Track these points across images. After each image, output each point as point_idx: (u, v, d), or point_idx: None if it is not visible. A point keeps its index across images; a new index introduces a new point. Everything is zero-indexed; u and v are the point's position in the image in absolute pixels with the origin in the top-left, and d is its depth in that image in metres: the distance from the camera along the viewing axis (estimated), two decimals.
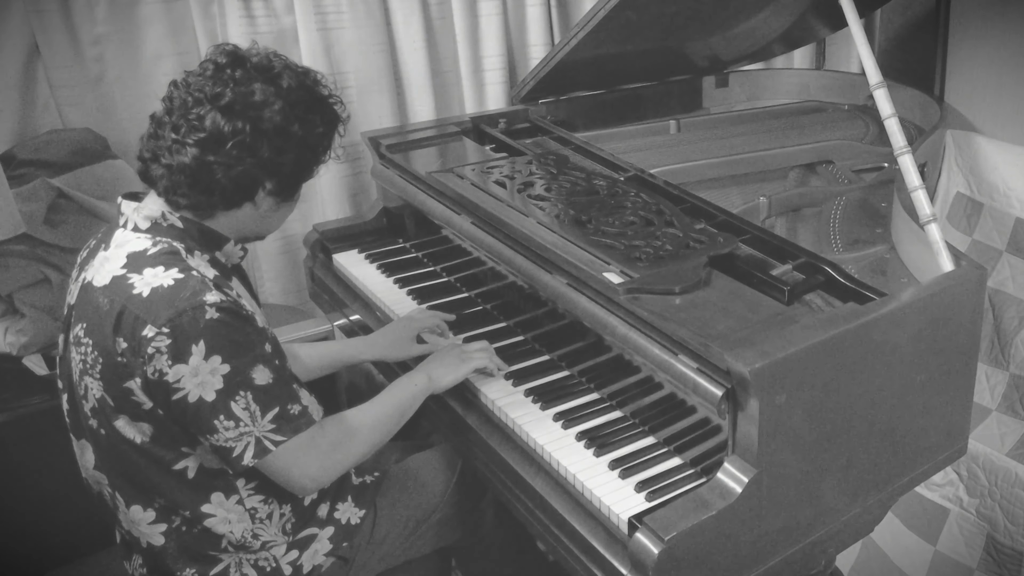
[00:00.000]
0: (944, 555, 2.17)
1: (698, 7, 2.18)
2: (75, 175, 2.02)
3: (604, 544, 1.28)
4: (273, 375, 1.28)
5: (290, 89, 1.30)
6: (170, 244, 1.30)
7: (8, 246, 1.89)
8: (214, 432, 1.25)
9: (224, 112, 1.25)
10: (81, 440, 1.39)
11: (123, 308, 1.23)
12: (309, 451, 1.32)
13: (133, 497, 1.35)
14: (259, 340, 1.29)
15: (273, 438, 1.28)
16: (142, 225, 1.32)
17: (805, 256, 1.49)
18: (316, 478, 1.36)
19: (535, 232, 1.59)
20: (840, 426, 1.29)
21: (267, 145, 1.27)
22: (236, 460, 1.27)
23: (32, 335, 1.95)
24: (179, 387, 1.22)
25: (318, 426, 1.34)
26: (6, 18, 2.08)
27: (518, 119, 2.27)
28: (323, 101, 1.36)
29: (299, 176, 1.36)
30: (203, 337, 1.21)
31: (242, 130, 1.26)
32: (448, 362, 1.55)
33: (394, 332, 1.69)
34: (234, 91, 1.26)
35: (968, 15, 2.41)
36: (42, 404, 1.87)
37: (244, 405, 1.25)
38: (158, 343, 1.21)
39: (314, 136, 1.34)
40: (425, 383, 1.51)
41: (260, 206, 1.35)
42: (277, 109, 1.28)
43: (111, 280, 1.27)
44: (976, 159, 2.34)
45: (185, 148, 1.26)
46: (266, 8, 2.32)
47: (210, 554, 1.39)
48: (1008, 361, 2.23)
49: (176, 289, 1.23)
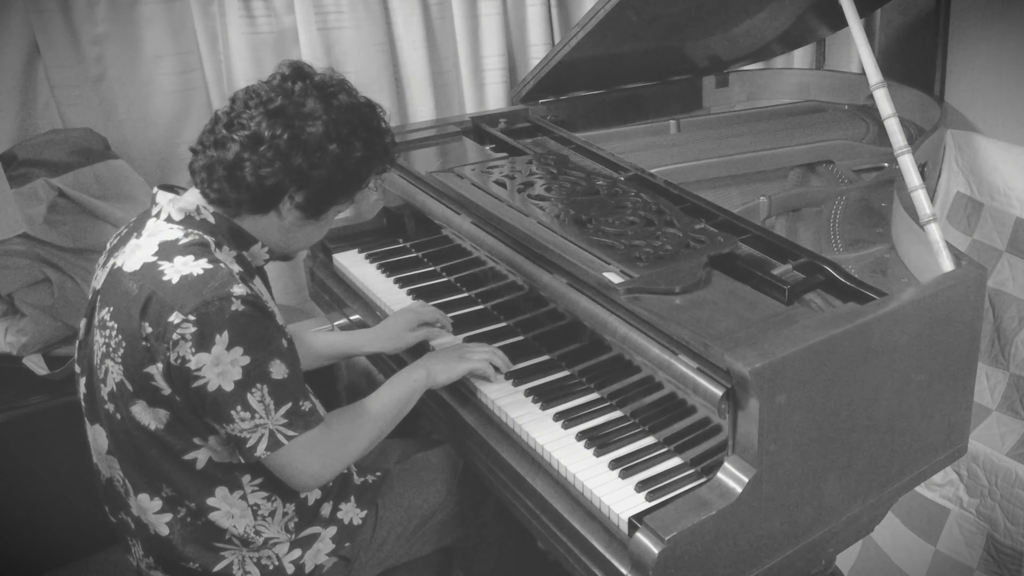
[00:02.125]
0: (944, 555, 2.18)
1: (698, 7, 2.18)
2: (75, 175, 2.03)
3: (604, 544, 1.28)
4: (288, 370, 1.30)
5: (340, 109, 1.33)
6: (201, 236, 1.33)
7: (8, 246, 1.89)
8: (230, 422, 1.27)
9: (270, 117, 1.29)
10: (95, 425, 1.41)
11: (151, 294, 1.26)
12: (315, 448, 1.34)
13: (141, 485, 1.37)
14: (278, 335, 1.31)
15: (286, 432, 1.30)
16: (176, 216, 1.35)
17: (805, 256, 1.49)
18: (318, 475, 1.37)
19: (535, 232, 1.59)
20: (840, 426, 1.29)
21: (301, 155, 1.30)
22: (249, 451, 1.29)
23: (32, 335, 1.95)
24: (200, 375, 1.24)
25: (325, 424, 1.36)
26: (6, 18, 2.08)
27: (518, 119, 2.27)
28: (371, 130, 1.37)
29: (328, 196, 1.36)
30: (227, 328, 1.24)
31: (280, 136, 1.29)
32: (447, 359, 1.56)
33: (395, 325, 1.72)
34: (287, 100, 1.31)
35: (968, 15, 2.41)
36: (42, 404, 1.88)
37: (260, 398, 1.27)
38: (183, 330, 1.23)
39: (351, 160, 1.34)
40: (423, 378, 1.52)
41: (285, 217, 1.37)
42: (320, 125, 1.30)
43: (142, 266, 1.30)
44: (976, 159, 2.34)
45: (229, 144, 1.30)
46: (266, 8, 2.32)
47: (215, 545, 1.39)
48: (1008, 361, 2.23)
49: (205, 279, 1.26)
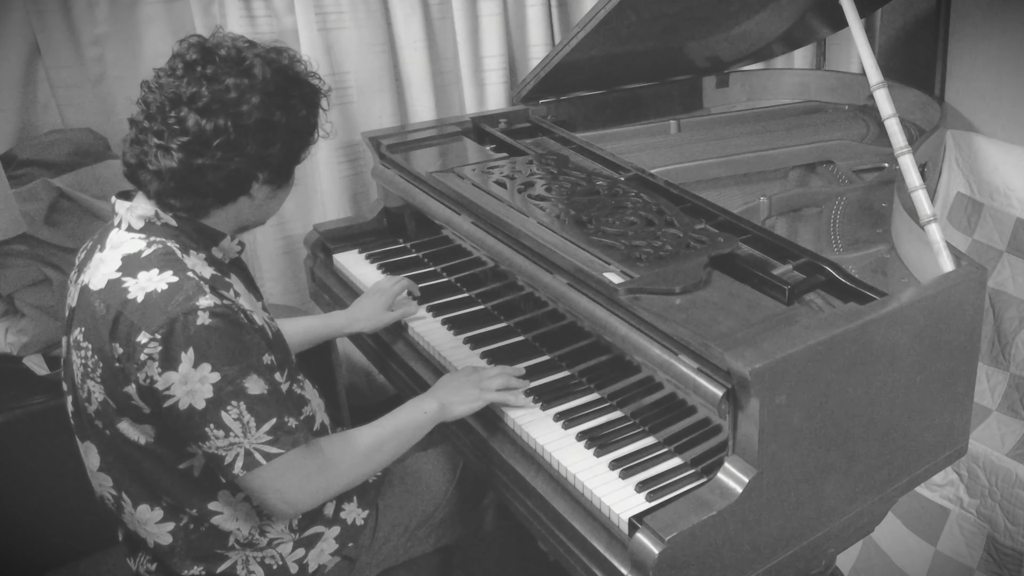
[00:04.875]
0: (944, 555, 2.17)
1: (698, 7, 2.18)
2: (76, 175, 2.02)
3: (604, 544, 1.28)
4: (268, 386, 1.25)
5: (265, 79, 1.26)
6: (164, 244, 1.28)
7: (8, 246, 1.89)
8: (205, 439, 1.22)
9: (203, 113, 1.23)
10: (86, 442, 1.38)
11: (118, 314, 1.22)
12: (296, 471, 1.27)
13: (140, 496, 1.34)
14: (255, 347, 1.26)
15: (267, 450, 1.23)
16: (136, 225, 1.30)
17: (805, 256, 1.49)
18: (294, 502, 1.30)
19: (535, 232, 1.59)
20: (840, 426, 1.29)
21: (252, 140, 1.25)
22: (228, 468, 1.24)
23: (32, 335, 1.95)
24: (169, 394, 1.20)
25: (305, 447, 1.29)
26: (6, 18, 2.08)
27: (519, 119, 2.27)
28: (300, 81, 1.32)
29: (290, 160, 1.34)
30: (192, 344, 1.19)
31: (224, 128, 1.23)
32: (462, 389, 1.50)
33: (370, 305, 1.73)
34: (209, 89, 1.24)
35: (968, 15, 2.41)
36: (42, 404, 1.87)
37: (237, 415, 1.21)
38: (150, 350, 1.19)
39: (298, 120, 1.30)
40: (435, 412, 1.46)
41: (256, 197, 1.34)
42: (256, 103, 1.24)
43: (106, 284, 1.25)
44: (976, 159, 2.34)
45: (171, 153, 1.23)
46: (266, 8, 2.32)
47: (217, 552, 1.38)
48: (1008, 361, 2.23)
49: (170, 293, 1.21)
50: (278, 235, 2.50)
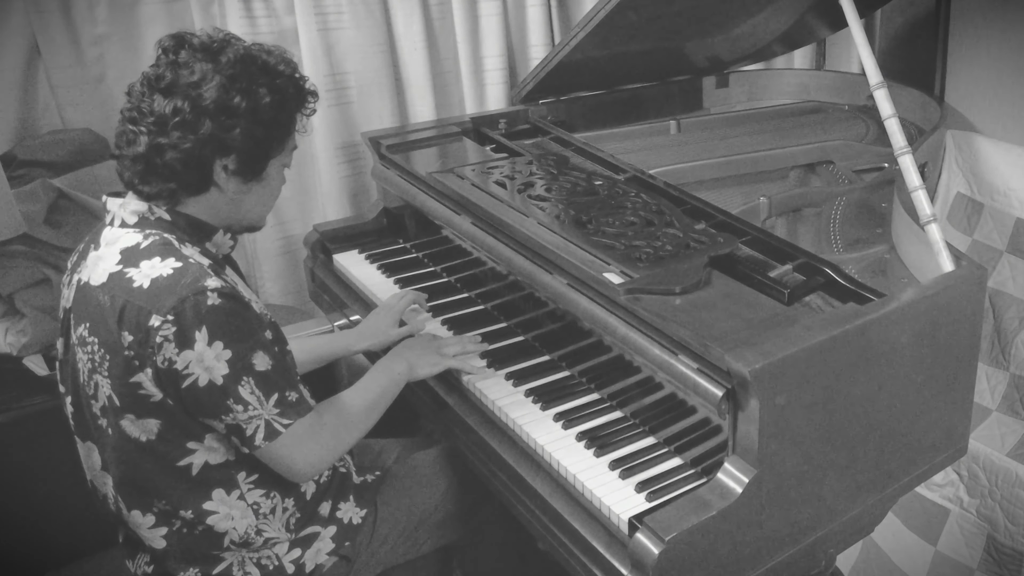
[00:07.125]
0: (944, 555, 2.17)
1: (698, 7, 2.18)
2: (76, 175, 2.02)
3: (604, 544, 1.28)
4: (272, 361, 1.29)
5: (231, 63, 1.28)
6: (161, 236, 1.30)
7: (8, 246, 1.89)
8: (228, 412, 1.27)
9: (165, 94, 1.26)
10: (87, 442, 1.39)
11: (125, 303, 1.24)
12: (311, 437, 1.34)
13: (133, 501, 1.35)
14: (258, 326, 1.30)
15: (281, 421, 1.30)
16: (130, 220, 1.32)
17: (805, 257, 1.49)
18: (315, 464, 1.37)
19: (535, 232, 1.59)
20: (840, 426, 1.29)
21: (209, 122, 1.26)
22: (250, 439, 1.29)
23: (32, 335, 1.95)
24: (188, 372, 1.24)
25: (316, 413, 1.36)
26: (6, 18, 2.08)
27: (518, 119, 2.27)
28: (272, 72, 1.32)
29: (258, 152, 1.32)
30: (205, 323, 1.23)
31: (182, 109, 1.25)
32: (425, 352, 1.58)
33: (378, 323, 1.73)
34: (174, 73, 1.27)
35: (968, 15, 2.41)
36: (42, 404, 1.87)
37: (250, 390, 1.27)
38: (165, 331, 1.22)
39: (263, 108, 1.29)
40: (405, 371, 1.53)
41: (226, 188, 1.33)
42: (215, 84, 1.26)
43: (108, 277, 1.27)
44: (976, 159, 2.34)
45: (139, 137, 1.27)
46: (266, 8, 2.32)
47: (213, 554, 1.39)
48: (1008, 361, 2.23)
49: (177, 277, 1.25)
50: (278, 235, 2.50)
